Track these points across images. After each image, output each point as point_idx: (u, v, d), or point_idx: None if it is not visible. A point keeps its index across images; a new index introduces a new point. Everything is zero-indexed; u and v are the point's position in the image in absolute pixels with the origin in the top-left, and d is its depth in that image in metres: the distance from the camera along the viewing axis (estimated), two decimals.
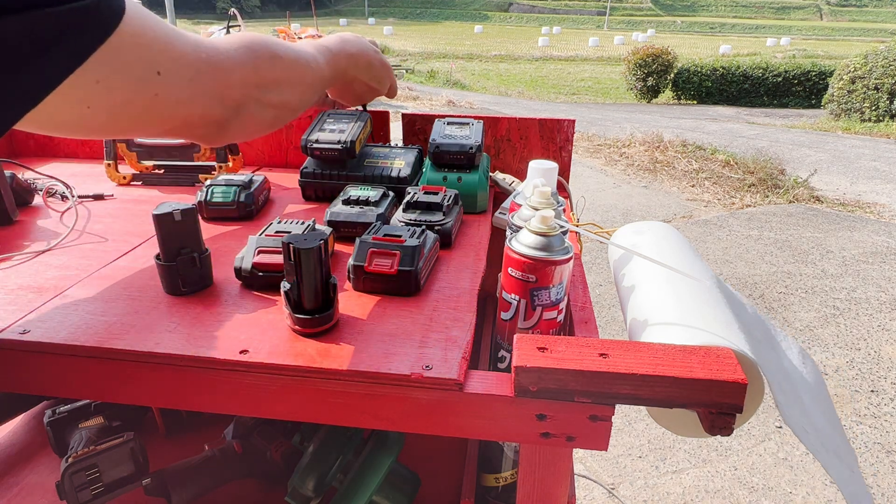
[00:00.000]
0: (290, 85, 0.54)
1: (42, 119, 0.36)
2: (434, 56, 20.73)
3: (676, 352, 0.44)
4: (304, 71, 0.56)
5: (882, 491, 1.83)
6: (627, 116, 9.28)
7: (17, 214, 0.78)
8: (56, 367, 0.50)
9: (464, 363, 0.47)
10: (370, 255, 0.58)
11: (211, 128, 0.47)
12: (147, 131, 0.45)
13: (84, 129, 0.40)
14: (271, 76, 0.51)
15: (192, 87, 0.43)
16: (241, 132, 0.51)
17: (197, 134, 0.48)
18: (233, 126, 0.49)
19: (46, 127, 0.38)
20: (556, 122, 0.99)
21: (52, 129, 0.39)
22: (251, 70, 0.48)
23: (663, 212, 4.50)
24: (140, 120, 0.41)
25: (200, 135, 0.48)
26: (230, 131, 0.49)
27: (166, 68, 0.40)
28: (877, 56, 8.73)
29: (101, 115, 0.38)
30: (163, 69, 0.39)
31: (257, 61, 0.49)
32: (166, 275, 0.57)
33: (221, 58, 0.45)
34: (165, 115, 0.42)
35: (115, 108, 0.38)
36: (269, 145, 1.08)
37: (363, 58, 0.71)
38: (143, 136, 0.46)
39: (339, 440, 0.72)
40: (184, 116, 0.44)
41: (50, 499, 0.82)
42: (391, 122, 1.07)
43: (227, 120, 0.48)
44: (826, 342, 2.67)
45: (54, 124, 0.38)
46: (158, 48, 0.39)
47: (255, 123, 0.52)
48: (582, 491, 1.83)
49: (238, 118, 0.49)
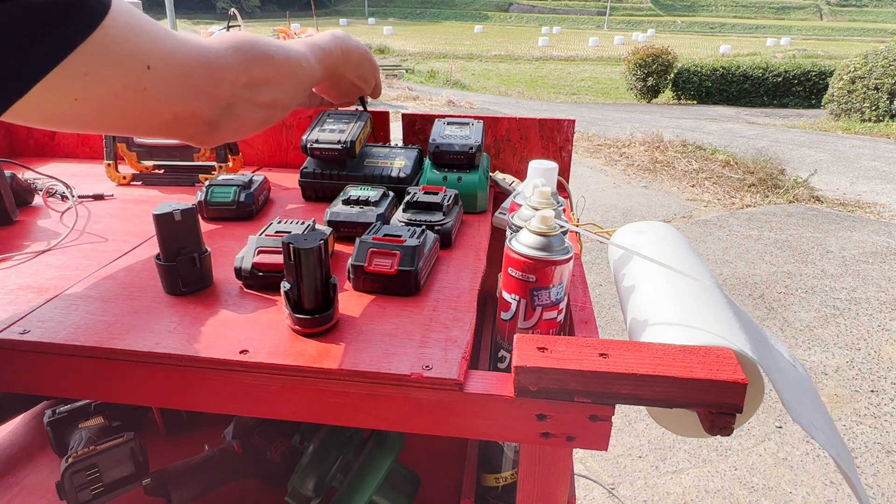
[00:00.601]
0: (281, 84, 0.54)
1: (31, 111, 0.37)
2: (434, 56, 20.73)
3: (676, 352, 0.44)
4: (295, 69, 0.56)
5: (882, 491, 1.83)
6: (627, 116, 9.28)
7: (17, 214, 0.78)
8: (56, 367, 0.50)
9: (464, 363, 0.47)
10: (370, 255, 0.58)
11: (201, 127, 0.47)
12: (137, 128, 0.45)
13: (73, 122, 0.40)
14: (262, 76, 0.51)
15: (183, 84, 0.43)
16: (233, 132, 0.51)
17: (188, 133, 0.48)
18: (224, 126, 0.49)
19: (36, 119, 0.39)
20: (556, 122, 0.99)
21: (42, 122, 0.39)
22: (242, 70, 0.48)
23: (663, 212, 4.50)
24: (130, 115, 0.42)
25: (191, 134, 0.48)
26: (221, 131, 0.49)
27: (156, 63, 0.40)
28: (877, 56, 8.73)
29: (90, 109, 0.39)
30: (152, 64, 0.40)
31: (248, 61, 0.49)
32: (166, 275, 0.57)
33: (211, 57, 0.45)
34: (155, 111, 0.43)
35: (104, 102, 0.39)
36: (269, 145, 1.08)
37: (353, 56, 0.71)
38: (134, 133, 0.46)
39: (339, 440, 0.72)
40: (174, 113, 0.44)
41: (50, 499, 0.82)
42: (391, 122, 1.07)
43: (217, 119, 0.48)
44: (826, 342, 2.67)
45: (43, 116, 0.38)
46: (147, 43, 0.39)
47: (246, 123, 0.52)
48: (582, 491, 1.83)
49: (229, 118, 0.49)
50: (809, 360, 2.52)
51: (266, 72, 0.51)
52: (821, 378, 2.41)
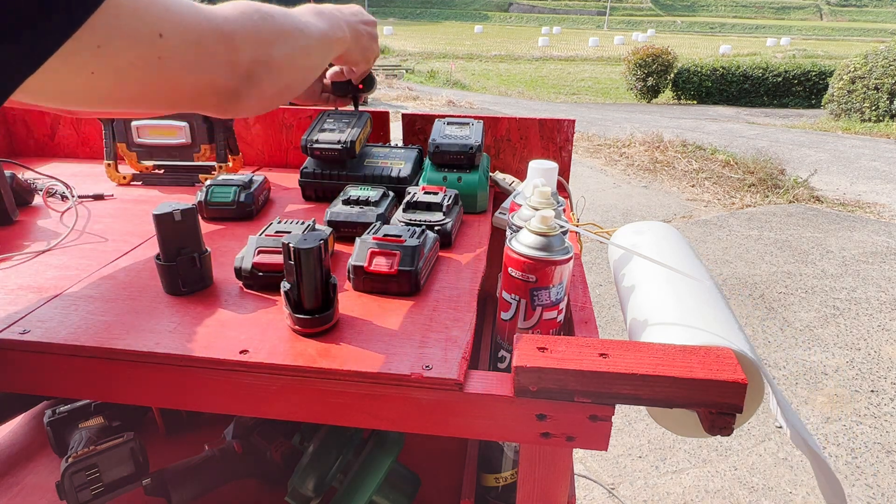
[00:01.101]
0: (291, 39, 0.53)
1: (48, 88, 0.37)
2: (434, 56, 20.73)
3: (676, 352, 0.44)
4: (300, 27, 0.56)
5: (882, 491, 1.83)
6: (627, 116, 9.28)
7: (17, 214, 0.78)
8: (56, 367, 0.50)
9: (464, 363, 0.47)
10: (370, 255, 0.58)
11: (223, 96, 0.47)
12: (158, 101, 0.45)
13: (92, 97, 0.40)
14: (271, 31, 0.50)
15: (197, 51, 0.43)
16: (257, 100, 0.51)
17: (211, 103, 0.48)
18: (246, 94, 0.49)
19: (54, 97, 0.39)
20: (556, 122, 0.99)
21: (61, 101, 0.40)
22: (252, 30, 0.48)
23: (663, 212, 4.50)
24: (149, 87, 0.42)
25: (214, 104, 0.48)
26: (244, 99, 0.49)
27: (168, 30, 0.40)
28: (877, 56, 8.74)
29: (107, 82, 0.39)
30: (164, 31, 0.40)
31: (257, 24, 0.49)
32: (166, 275, 0.57)
33: (220, 21, 0.45)
34: (173, 82, 0.43)
35: (121, 74, 0.39)
36: (269, 145, 1.08)
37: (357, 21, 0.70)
38: (158, 107, 0.46)
39: (339, 440, 0.72)
40: (192, 83, 0.44)
41: (50, 499, 0.82)
42: (391, 122, 1.07)
43: (237, 87, 0.48)
44: (826, 342, 2.67)
45: (61, 94, 0.39)
46: (158, 11, 0.40)
47: (268, 91, 0.51)
48: (582, 491, 1.83)
49: (250, 85, 0.49)
50: (809, 360, 2.53)
51: (274, 27, 0.51)
52: (821, 378, 2.41)
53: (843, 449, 2.02)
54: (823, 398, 2.28)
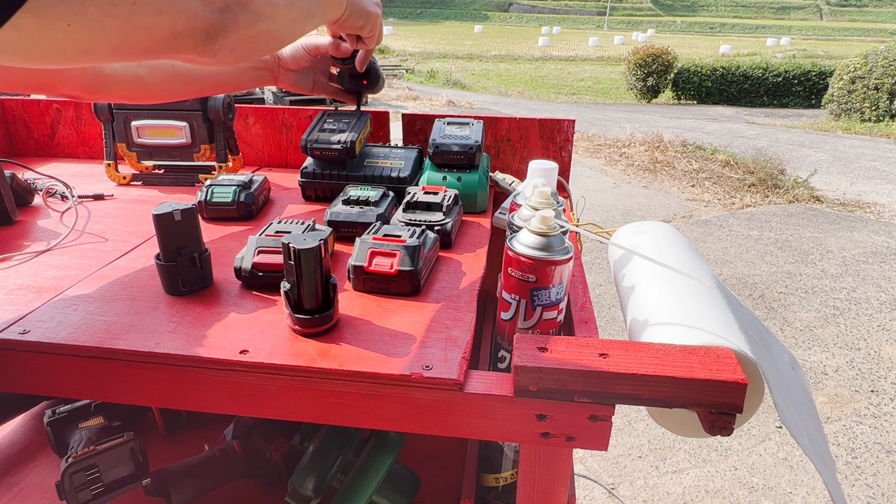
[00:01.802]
0: None
1: (30, 46, 0.37)
2: (434, 56, 20.73)
3: (676, 352, 0.44)
4: None
5: (882, 491, 1.83)
6: (627, 116, 9.28)
7: (17, 214, 0.78)
8: (56, 367, 0.50)
9: (464, 363, 0.47)
10: (370, 255, 0.58)
11: (199, 36, 0.47)
12: (138, 48, 0.45)
13: (74, 50, 0.41)
14: None
15: None
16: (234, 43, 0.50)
17: (188, 45, 0.48)
18: (223, 34, 0.49)
19: (37, 55, 0.39)
20: (556, 122, 0.99)
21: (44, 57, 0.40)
22: None
23: (663, 212, 4.50)
24: (127, 35, 0.42)
25: (191, 46, 0.48)
26: (220, 39, 0.49)
27: None
28: (877, 56, 8.74)
29: (85, 32, 0.40)
30: None
31: None
32: (166, 275, 0.57)
33: None
34: (149, 26, 0.43)
35: (97, 23, 0.40)
36: (269, 145, 1.08)
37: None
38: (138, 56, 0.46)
39: (339, 440, 0.72)
40: (169, 26, 0.45)
41: (50, 499, 0.82)
42: (391, 122, 1.07)
43: (214, 25, 0.48)
44: (826, 342, 2.67)
45: (44, 50, 0.39)
46: None
47: (245, 32, 0.51)
48: (582, 491, 1.83)
49: (226, 23, 0.48)
50: (809, 360, 2.53)
51: None
52: (821, 378, 2.41)
53: (843, 449, 2.02)
54: (823, 398, 2.29)
